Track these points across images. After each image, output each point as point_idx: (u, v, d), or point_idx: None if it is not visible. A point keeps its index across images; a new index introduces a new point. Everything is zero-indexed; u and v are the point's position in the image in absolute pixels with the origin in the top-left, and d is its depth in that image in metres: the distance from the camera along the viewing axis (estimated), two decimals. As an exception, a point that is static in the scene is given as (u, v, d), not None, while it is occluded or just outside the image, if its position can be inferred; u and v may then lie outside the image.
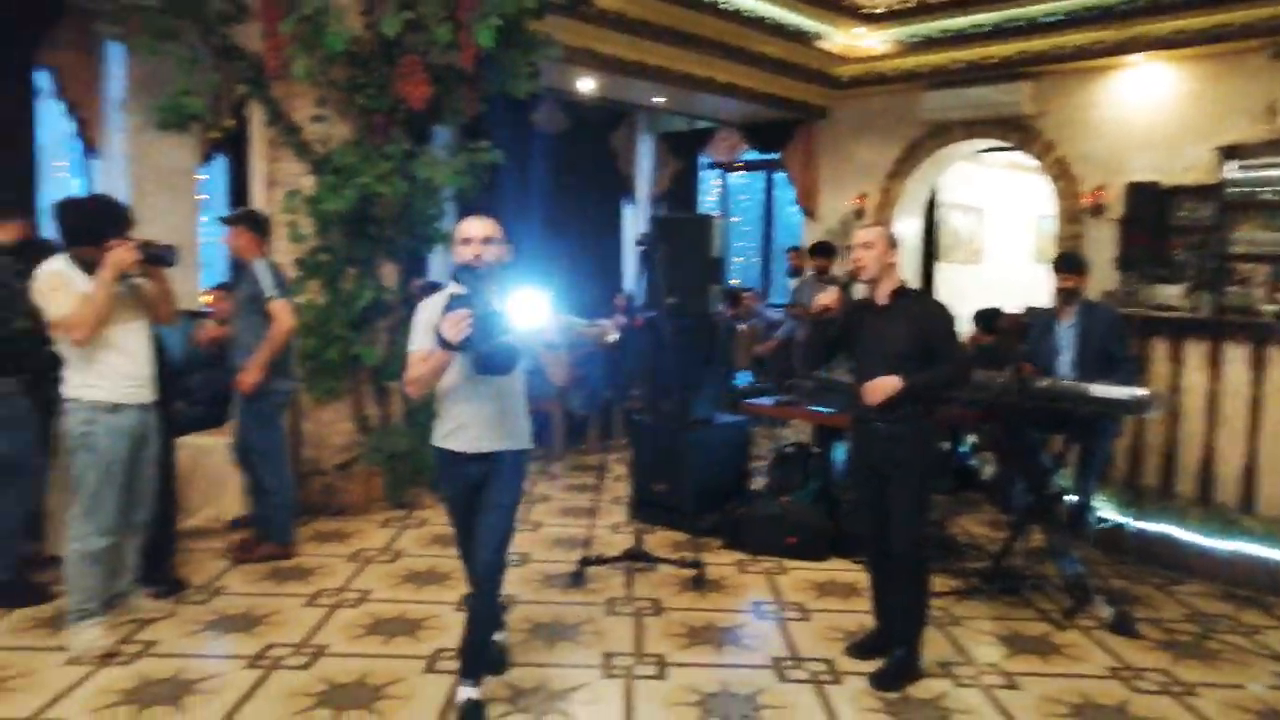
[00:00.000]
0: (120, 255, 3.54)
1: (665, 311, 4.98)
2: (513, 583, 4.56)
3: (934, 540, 5.01)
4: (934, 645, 3.91)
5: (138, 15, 5.12)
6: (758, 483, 6.08)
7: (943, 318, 3.62)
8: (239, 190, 7.92)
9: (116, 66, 7.37)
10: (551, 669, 3.65)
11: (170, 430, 4.27)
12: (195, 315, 5.86)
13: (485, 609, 3.23)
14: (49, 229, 4.15)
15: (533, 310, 2.88)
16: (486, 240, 3.03)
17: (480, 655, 3.25)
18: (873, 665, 3.68)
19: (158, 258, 3.67)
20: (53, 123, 7.30)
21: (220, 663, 3.63)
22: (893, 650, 3.67)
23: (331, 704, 3.29)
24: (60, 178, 7.47)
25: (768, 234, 12.07)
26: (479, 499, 3.17)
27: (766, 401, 5.95)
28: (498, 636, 3.61)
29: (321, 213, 5.41)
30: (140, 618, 3.95)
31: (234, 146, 7.60)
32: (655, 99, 9.46)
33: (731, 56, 8.03)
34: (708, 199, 12.30)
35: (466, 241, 3.03)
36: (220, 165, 8.22)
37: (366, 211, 5.48)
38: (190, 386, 5.36)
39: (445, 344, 2.84)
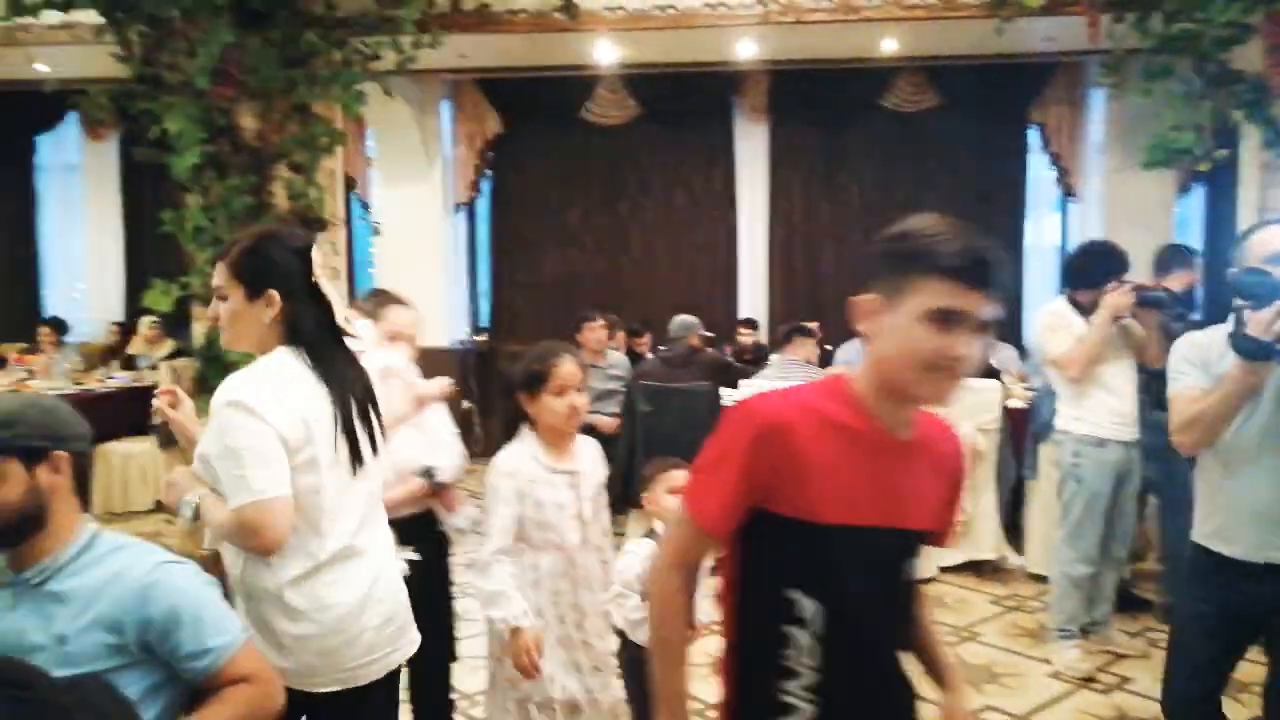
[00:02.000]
0: (1117, 299, 3.68)
1: None
2: None
3: None
4: None
5: (1129, 59, 5.26)
6: None
7: None
8: (1215, 222, 7.51)
9: (1096, 114, 7.71)
10: None
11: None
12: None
13: None
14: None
15: None
16: None
17: None
18: None
19: (1153, 301, 3.70)
20: (1035, 172, 8.02)
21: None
22: None
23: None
24: (1038, 223, 8.15)
25: None
26: (1263, 628, 2.31)
27: None
28: None
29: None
30: (1115, 650, 4.02)
31: (1214, 177, 7.22)
32: None
33: None
34: None
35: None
36: (1195, 198, 7.90)
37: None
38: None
39: (1259, 352, 2.13)
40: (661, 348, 6.05)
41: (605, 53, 6.84)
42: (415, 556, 2.29)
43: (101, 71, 5.81)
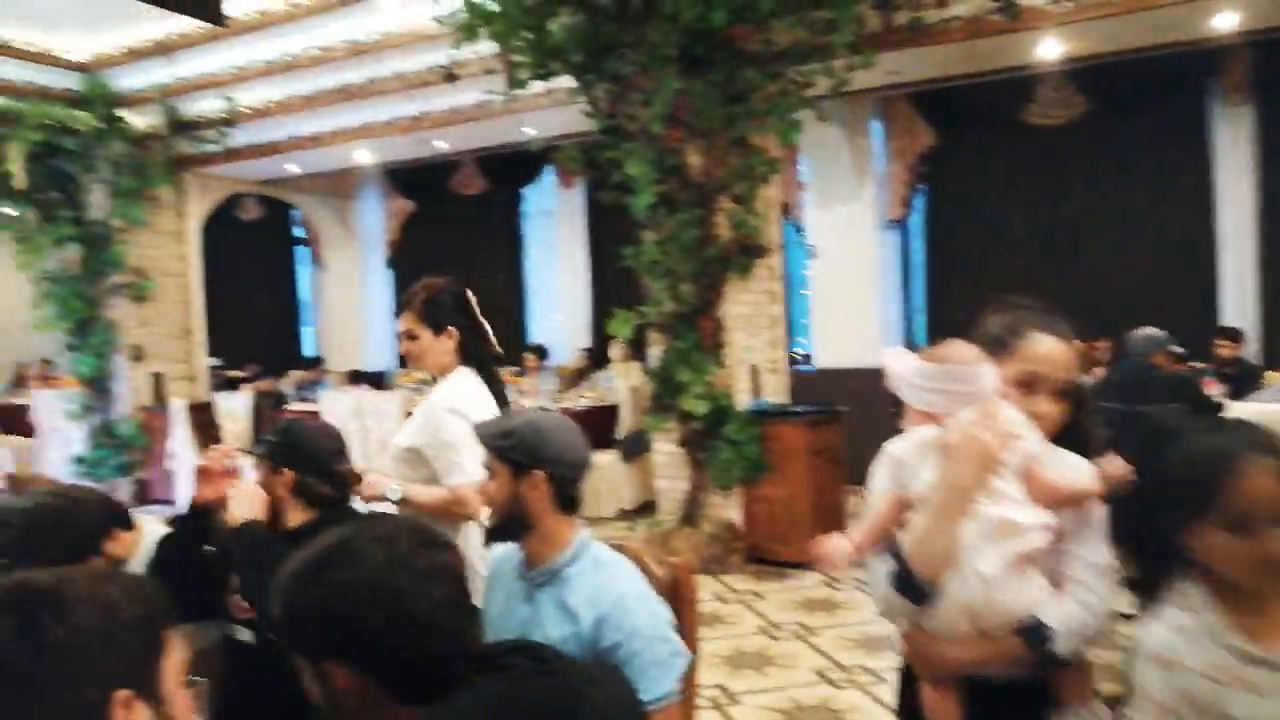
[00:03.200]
0: None
1: None
2: None
3: None
4: None
5: None
6: None
7: None
8: None
9: None
10: None
11: None
12: None
13: None
14: None
15: None
16: None
17: None
18: None
19: None
20: None
21: None
22: None
23: None
24: None
25: None
26: None
27: None
28: None
29: None
30: None
31: None
32: None
33: None
34: None
35: None
36: None
37: None
38: None
39: None
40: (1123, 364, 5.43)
41: (1049, 49, 6.35)
42: None
43: (570, 128, 6.65)
